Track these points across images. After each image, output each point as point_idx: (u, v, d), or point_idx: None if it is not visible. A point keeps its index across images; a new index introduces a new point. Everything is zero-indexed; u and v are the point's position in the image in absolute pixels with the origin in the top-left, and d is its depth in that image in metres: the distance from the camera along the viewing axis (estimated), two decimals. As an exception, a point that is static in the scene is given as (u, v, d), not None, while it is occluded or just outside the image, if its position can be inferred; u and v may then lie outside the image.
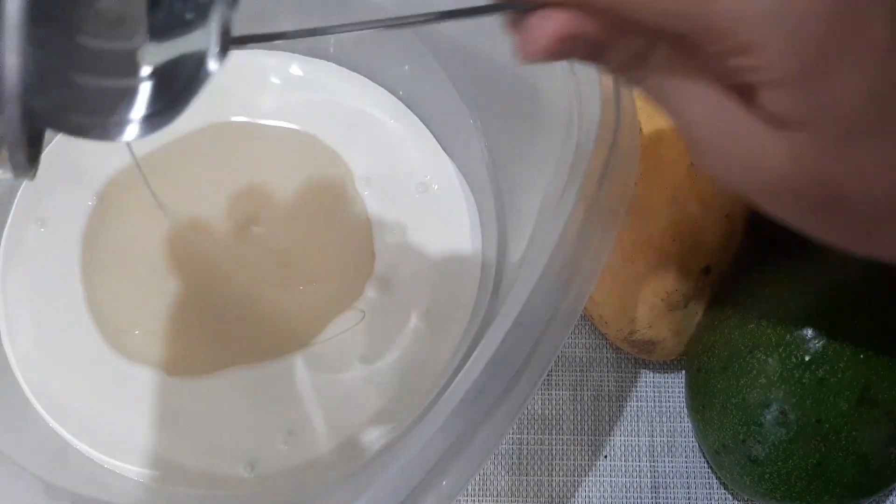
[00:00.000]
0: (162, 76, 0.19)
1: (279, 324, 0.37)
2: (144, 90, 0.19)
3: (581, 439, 0.38)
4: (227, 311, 0.37)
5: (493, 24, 0.21)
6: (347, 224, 0.39)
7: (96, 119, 0.19)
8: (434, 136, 0.41)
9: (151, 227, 0.38)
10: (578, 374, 0.39)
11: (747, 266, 0.36)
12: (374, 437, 0.35)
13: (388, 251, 0.39)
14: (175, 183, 0.39)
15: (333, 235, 0.39)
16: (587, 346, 0.40)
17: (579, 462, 0.38)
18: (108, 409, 0.36)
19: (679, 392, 0.39)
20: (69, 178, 0.40)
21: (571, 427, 0.38)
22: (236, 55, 0.19)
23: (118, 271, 0.38)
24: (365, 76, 0.42)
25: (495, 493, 0.37)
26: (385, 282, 0.38)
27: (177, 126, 0.19)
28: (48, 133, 0.20)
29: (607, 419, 0.38)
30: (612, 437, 0.38)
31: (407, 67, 0.41)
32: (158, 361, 0.36)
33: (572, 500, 0.37)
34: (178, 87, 0.19)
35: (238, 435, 0.35)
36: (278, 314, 0.37)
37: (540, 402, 0.39)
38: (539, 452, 0.38)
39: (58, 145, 0.40)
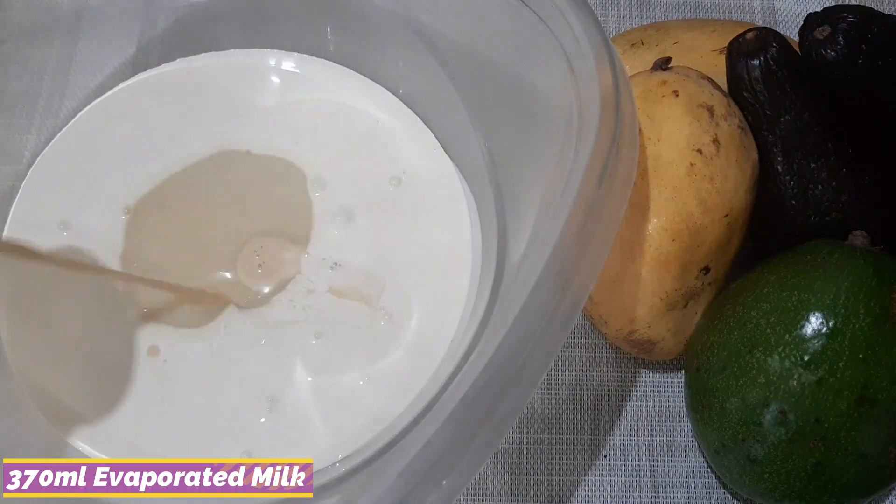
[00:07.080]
0: None
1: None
2: None
3: (581, 439, 0.38)
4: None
5: (492, 24, 0.21)
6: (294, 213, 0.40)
7: None
8: (434, 136, 0.41)
9: (171, 236, 0.40)
10: (578, 373, 0.39)
11: (747, 266, 0.36)
12: (374, 437, 0.35)
13: (387, 250, 0.39)
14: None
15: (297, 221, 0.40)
16: (587, 346, 0.40)
17: (579, 461, 0.38)
18: (109, 409, 0.36)
19: (678, 392, 0.39)
20: (93, 189, 0.40)
21: (571, 427, 0.38)
22: (236, 55, 0.19)
23: (153, 272, 0.39)
24: (365, 76, 0.42)
25: (495, 493, 0.37)
26: (383, 281, 0.38)
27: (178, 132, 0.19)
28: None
29: (607, 419, 0.38)
30: (611, 437, 0.38)
31: (407, 67, 0.41)
32: (176, 322, 0.38)
33: (572, 499, 0.37)
34: None
35: (240, 432, 0.36)
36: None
37: (540, 401, 0.39)
38: (539, 452, 0.38)
39: (79, 155, 0.41)
